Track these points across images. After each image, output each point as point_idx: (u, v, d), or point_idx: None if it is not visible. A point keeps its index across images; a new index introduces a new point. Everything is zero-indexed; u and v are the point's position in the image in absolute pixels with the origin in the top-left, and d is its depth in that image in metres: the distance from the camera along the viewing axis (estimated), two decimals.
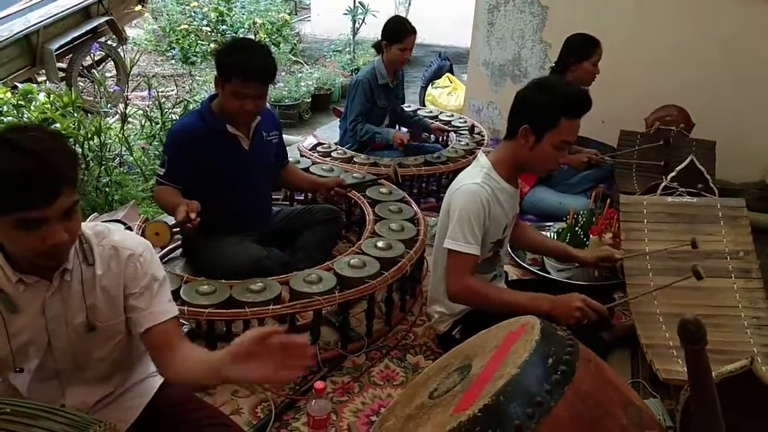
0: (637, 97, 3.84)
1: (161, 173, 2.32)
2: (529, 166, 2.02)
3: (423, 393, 1.33)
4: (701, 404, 0.95)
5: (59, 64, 5.11)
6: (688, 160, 2.57)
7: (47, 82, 4.69)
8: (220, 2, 6.64)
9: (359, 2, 6.46)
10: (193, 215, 2.06)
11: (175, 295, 2.04)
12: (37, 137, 1.17)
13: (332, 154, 3.46)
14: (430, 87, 5.33)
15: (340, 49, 7.00)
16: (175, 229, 2.84)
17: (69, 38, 5.00)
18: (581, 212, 2.91)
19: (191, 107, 3.88)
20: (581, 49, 3.20)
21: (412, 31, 3.46)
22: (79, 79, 5.27)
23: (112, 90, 4.46)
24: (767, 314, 2.01)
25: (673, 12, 3.93)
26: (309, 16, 9.54)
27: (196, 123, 2.30)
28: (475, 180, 1.95)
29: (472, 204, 1.91)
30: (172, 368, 1.35)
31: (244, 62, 2.16)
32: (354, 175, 3.10)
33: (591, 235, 2.71)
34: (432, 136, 4.25)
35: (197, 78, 5.32)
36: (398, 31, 3.46)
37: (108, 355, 1.40)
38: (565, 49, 3.26)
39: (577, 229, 2.80)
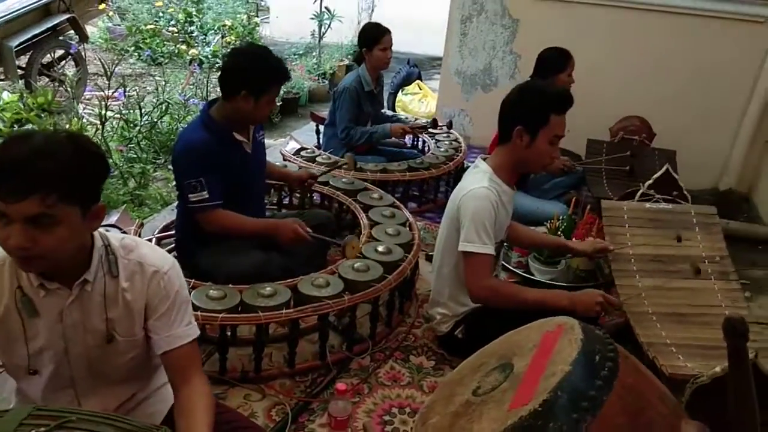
0: (600, 108, 4.02)
1: (204, 197, 2.19)
2: (527, 164, 2.16)
3: (463, 391, 1.40)
4: (741, 395, 1.06)
5: (17, 62, 4.91)
6: (663, 169, 2.75)
7: (12, 80, 4.50)
8: (189, 3, 6.50)
9: (325, 7, 6.48)
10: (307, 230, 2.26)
11: None
12: (53, 138, 1.14)
13: (317, 159, 3.49)
14: (400, 93, 5.41)
15: (301, 52, 6.98)
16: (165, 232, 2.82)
17: (29, 35, 4.82)
18: (561, 217, 3.06)
19: (170, 109, 3.82)
20: (557, 62, 3.37)
21: (387, 30, 3.60)
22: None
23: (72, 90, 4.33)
24: (749, 312, 2.19)
25: (635, 29, 4.18)
26: (267, 18, 9.46)
27: (205, 135, 2.25)
28: (482, 184, 2.06)
29: (483, 206, 2.02)
30: (177, 400, 1.36)
31: (277, 69, 2.23)
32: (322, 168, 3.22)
33: (574, 240, 2.84)
34: (408, 140, 4.35)
35: (164, 77, 5.18)
36: (375, 33, 3.59)
37: (124, 365, 1.40)
38: (541, 63, 3.42)
39: (559, 233, 2.94)
